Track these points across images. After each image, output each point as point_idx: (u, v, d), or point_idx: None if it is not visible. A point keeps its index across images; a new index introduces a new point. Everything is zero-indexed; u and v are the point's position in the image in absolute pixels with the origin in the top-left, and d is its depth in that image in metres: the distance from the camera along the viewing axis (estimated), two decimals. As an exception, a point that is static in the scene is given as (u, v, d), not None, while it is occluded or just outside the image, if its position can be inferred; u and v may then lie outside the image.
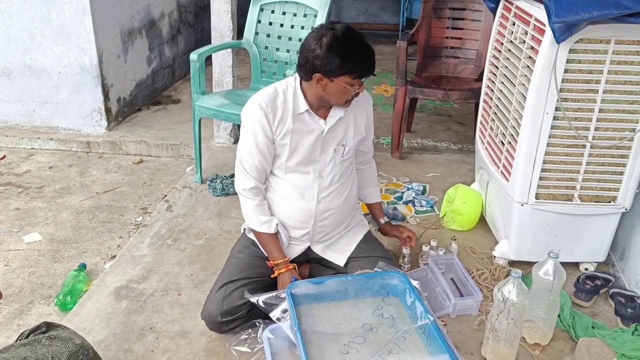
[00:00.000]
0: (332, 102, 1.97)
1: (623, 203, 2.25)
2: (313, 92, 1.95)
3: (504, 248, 2.42)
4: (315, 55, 1.84)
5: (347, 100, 1.95)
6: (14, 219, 3.09)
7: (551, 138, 2.14)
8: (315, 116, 2.01)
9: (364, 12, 7.14)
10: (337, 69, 1.84)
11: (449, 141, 3.88)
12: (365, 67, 1.88)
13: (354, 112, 2.09)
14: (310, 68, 1.87)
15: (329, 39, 1.83)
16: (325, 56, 1.83)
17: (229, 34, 3.44)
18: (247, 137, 2.00)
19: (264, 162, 2.03)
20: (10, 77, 3.96)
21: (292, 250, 2.14)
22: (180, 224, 2.84)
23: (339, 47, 1.83)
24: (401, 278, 1.92)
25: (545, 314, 1.96)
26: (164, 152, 3.90)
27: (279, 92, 1.99)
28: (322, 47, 1.83)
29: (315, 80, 1.89)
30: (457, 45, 3.67)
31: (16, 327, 2.28)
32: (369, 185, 2.38)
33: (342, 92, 1.91)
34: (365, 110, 2.14)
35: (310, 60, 1.86)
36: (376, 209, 2.43)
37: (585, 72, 2.03)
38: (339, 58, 1.82)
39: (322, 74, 1.86)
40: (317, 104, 1.99)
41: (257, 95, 2.00)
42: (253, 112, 1.97)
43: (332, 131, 2.05)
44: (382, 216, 2.43)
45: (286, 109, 1.98)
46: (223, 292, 1.98)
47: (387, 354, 1.68)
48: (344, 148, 2.08)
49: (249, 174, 2.04)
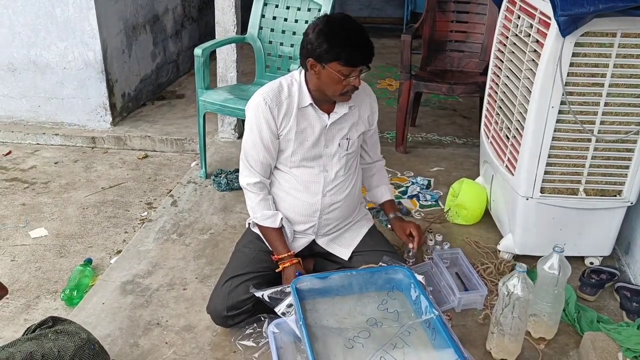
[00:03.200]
0: (329, 93, 1.95)
1: (629, 197, 2.24)
2: (312, 83, 1.96)
3: (509, 242, 2.42)
4: (309, 40, 1.87)
5: (342, 92, 1.92)
6: (20, 214, 3.10)
7: (556, 132, 2.13)
8: (319, 110, 2.01)
9: (368, 6, 7.11)
10: (325, 53, 1.84)
11: (454, 135, 3.87)
12: (353, 54, 1.85)
13: (359, 107, 2.09)
14: (305, 53, 1.90)
15: (322, 24, 1.86)
16: (315, 40, 1.85)
17: (233, 28, 3.44)
18: (251, 131, 2.00)
19: (269, 157, 2.03)
20: (15, 73, 3.97)
21: (296, 244, 2.14)
22: (185, 218, 2.84)
23: (329, 32, 1.84)
24: (406, 272, 1.92)
25: (550, 308, 1.96)
26: (168, 147, 3.91)
27: (283, 86, 1.99)
28: (314, 31, 1.86)
29: (309, 65, 1.90)
30: (461, 39, 3.65)
31: (23, 322, 2.29)
32: (378, 184, 2.35)
33: (335, 81, 1.89)
34: (369, 104, 2.14)
35: (305, 45, 1.89)
36: (387, 206, 2.36)
37: (590, 66, 2.02)
38: (326, 42, 1.83)
39: (313, 58, 1.88)
40: (319, 96, 1.99)
41: (262, 90, 2.00)
42: (257, 107, 1.97)
43: (337, 126, 2.05)
44: (392, 211, 2.34)
45: (291, 103, 1.98)
46: (228, 286, 1.99)
47: (392, 348, 1.68)
48: (349, 142, 2.08)
49: (254, 168, 2.04)
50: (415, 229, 2.24)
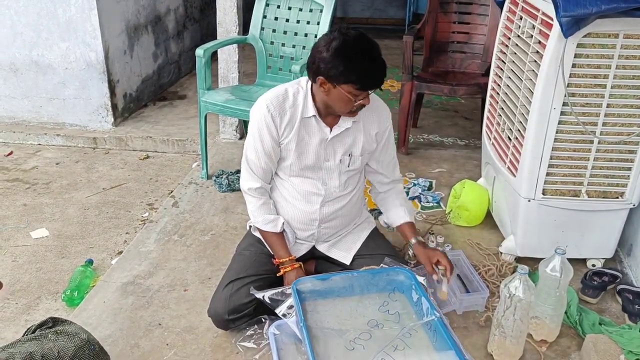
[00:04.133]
0: (336, 110, 1.90)
1: (631, 199, 2.24)
2: (319, 97, 1.91)
3: (511, 244, 2.41)
4: (322, 58, 1.79)
5: (351, 110, 1.88)
6: (21, 214, 3.10)
7: (558, 133, 2.13)
8: (322, 123, 1.97)
9: (369, 7, 7.10)
10: (339, 75, 1.78)
11: (456, 136, 3.86)
12: (368, 80, 1.81)
13: (364, 123, 2.03)
14: (316, 70, 1.83)
15: (338, 44, 1.77)
16: (330, 60, 1.77)
17: (235, 29, 3.44)
18: (254, 137, 1.98)
19: (270, 164, 2.02)
20: (17, 73, 3.98)
21: (297, 250, 2.13)
22: (186, 219, 2.84)
23: (345, 54, 1.77)
24: (407, 274, 1.92)
25: (552, 311, 1.95)
26: (170, 147, 3.91)
27: (289, 94, 1.95)
28: (329, 50, 1.78)
29: (319, 83, 1.84)
30: (463, 40, 3.64)
31: (24, 323, 2.29)
32: (395, 204, 2.19)
33: (345, 101, 1.84)
34: (377, 121, 2.06)
35: (317, 62, 1.81)
36: (406, 229, 2.16)
37: (593, 67, 2.02)
38: (342, 65, 1.77)
39: (325, 78, 1.81)
40: (324, 110, 1.95)
41: (266, 96, 1.96)
42: (260, 113, 1.94)
43: (338, 141, 2.00)
44: (413, 236, 2.14)
45: (294, 113, 1.94)
46: (229, 289, 1.98)
47: (393, 350, 1.68)
48: (350, 158, 2.04)
49: (255, 174, 2.03)
50: (444, 259, 2.04)
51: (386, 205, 2.23)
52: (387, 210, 2.23)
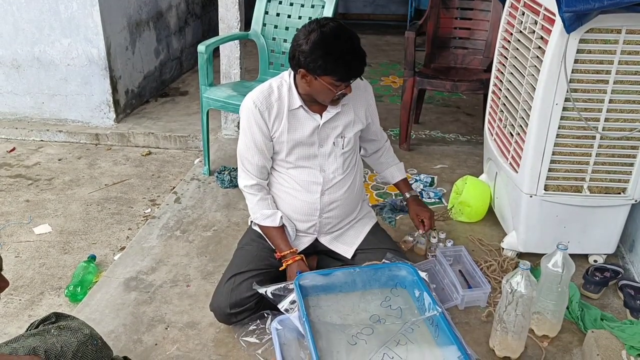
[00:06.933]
0: (319, 99, 1.95)
1: (633, 195, 2.24)
2: (302, 88, 1.94)
3: (513, 240, 2.41)
4: (301, 51, 1.83)
5: (333, 99, 1.93)
6: (24, 210, 3.11)
7: (560, 129, 2.12)
8: (310, 112, 2.00)
9: (371, 3, 7.09)
10: (318, 68, 1.82)
11: (457, 132, 3.86)
12: (347, 71, 1.84)
13: (353, 104, 2.07)
14: (296, 63, 1.87)
15: (316, 37, 1.81)
16: (310, 54, 1.81)
17: (237, 25, 3.44)
18: (245, 135, 2.01)
19: (264, 160, 2.03)
20: (19, 69, 3.98)
21: (299, 243, 2.14)
22: (188, 215, 2.85)
23: (324, 47, 1.80)
24: (409, 269, 1.92)
25: (553, 306, 1.96)
26: (172, 144, 3.91)
27: (273, 88, 1.99)
28: (308, 43, 1.81)
29: (301, 75, 1.88)
30: (465, 36, 3.64)
31: (27, 318, 2.30)
32: (388, 165, 2.36)
33: (326, 92, 1.88)
34: (364, 99, 2.11)
35: (297, 55, 1.85)
36: (401, 186, 2.38)
37: (595, 63, 2.01)
38: (321, 58, 1.80)
39: (306, 70, 1.85)
40: (309, 99, 1.98)
41: (252, 93, 1.99)
42: (248, 111, 1.97)
43: (329, 125, 2.03)
44: (407, 190, 2.37)
45: (281, 105, 1.97)
46: (231, 284, 1.99)
47: (395, 345, 1.68)
48: (343, 139, 2.06)
49: (250, 172, 2.05)
50: (428, 218, 2.30)
51: (380, 166, 2.38)
52: (382, 170, 2.39)
